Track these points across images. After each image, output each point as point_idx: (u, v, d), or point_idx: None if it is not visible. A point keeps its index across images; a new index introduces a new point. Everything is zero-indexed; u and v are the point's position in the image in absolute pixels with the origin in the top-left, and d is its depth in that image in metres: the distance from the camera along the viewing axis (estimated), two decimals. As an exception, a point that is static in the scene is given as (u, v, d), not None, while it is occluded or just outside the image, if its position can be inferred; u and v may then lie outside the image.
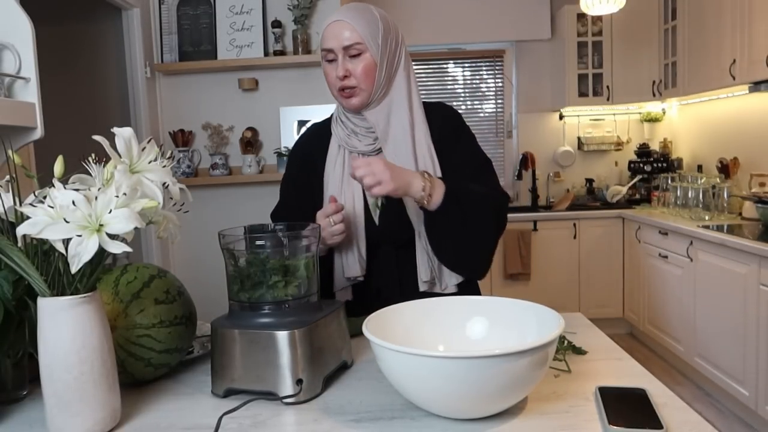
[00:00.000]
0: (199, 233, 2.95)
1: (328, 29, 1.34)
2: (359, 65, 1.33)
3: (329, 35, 1.33)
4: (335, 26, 1.33)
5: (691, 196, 3.74)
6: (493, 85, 4.89)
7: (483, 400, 0.84)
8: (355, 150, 1.38)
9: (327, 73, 1.37)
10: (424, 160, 1.35)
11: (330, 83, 1.37)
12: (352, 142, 1.38)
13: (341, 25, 1.32)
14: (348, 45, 1.32)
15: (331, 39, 1.33)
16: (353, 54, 1.33)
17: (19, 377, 1.03)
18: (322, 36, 1.35)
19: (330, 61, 1.35)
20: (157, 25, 3.10)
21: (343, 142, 1.40)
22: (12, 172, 0.90)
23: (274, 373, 0.96)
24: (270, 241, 1.04)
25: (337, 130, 1.42)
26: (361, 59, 1.33)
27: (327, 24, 1.35)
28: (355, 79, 1.33)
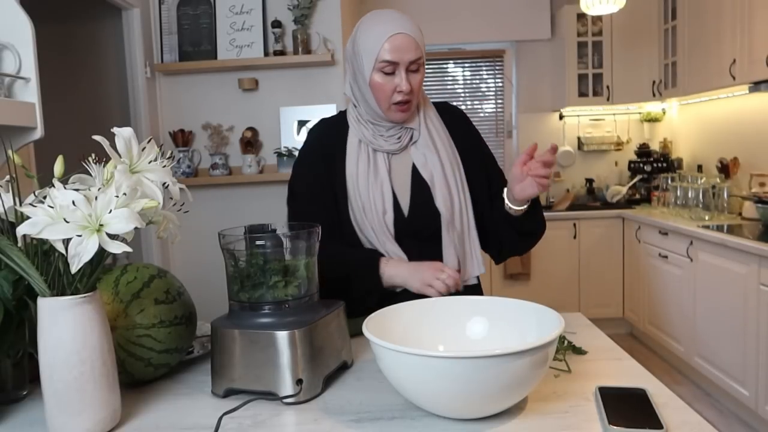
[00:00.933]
0: (199, 233, 2.95)
1: (393, 41, 1.29)
2: (417, 78, 1.34)
3: (394, 47, 1.29)
4: (402, 39, 1.29)
5: (691, 196, 3.74)
6: (493, 85, 4.89)
7: (483, 400, 0.84)
8: (381, 149, 1.40)
9: (381, 84, 1.32)
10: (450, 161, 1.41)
11: (383, 95, 1.33)
12: (379, 142, 1.40)
13: (407, 39, 1.30)
14: (414, 59, 1.31)
15: (397, 52, 1.29)
16: (413, 69, 1.32)
17: (19, 377, 1.03)
18: (382, 47, 1.30)
19: (387, 73, 1.32)
20: (157, 25, 3.10)
21: (367, 140, 1.40)
22: (12, 172, 0.90)
23: (274, 373, 0.97)
24: (270, 241, 1.04)
25: (361, 129, 1.41)
26: (419, 73, 1.34)
27: (387, 35, 1.29)
28: (412, 94, 1.34)
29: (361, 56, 1.34)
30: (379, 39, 1.30)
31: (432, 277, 1.28)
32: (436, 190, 1.38)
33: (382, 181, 1.38)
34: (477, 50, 4.82)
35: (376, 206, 1.37)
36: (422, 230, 1.40)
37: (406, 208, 1.39)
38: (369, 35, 1.32)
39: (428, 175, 1.39)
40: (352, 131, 1.42)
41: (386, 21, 1.32)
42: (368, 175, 1.38)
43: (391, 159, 1.41)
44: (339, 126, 1.46)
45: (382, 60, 1.30)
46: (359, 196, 1.38)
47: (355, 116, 1.43)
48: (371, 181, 1.38)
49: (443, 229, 1.38)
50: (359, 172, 1.39)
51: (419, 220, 1.39)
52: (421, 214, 1.39)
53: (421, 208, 1.39)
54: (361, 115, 1.42)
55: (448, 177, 1.40)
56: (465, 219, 1.42)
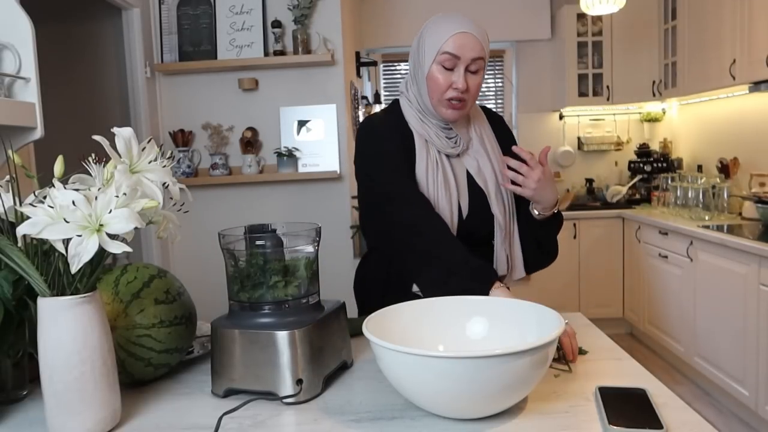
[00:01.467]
0: (199, 233, 2.95)
1: (458, 37, 1.31)
2: (475, 80, 1.36)
3: (458, 43, 1.31)
4: (467, 37, 1.32)
5: (691, 196, 3.74)
6: (493, 85, 4.89)
7: (483, 400, 0.84)
8: (442, 150, 1.41)
9: (437, 78, 1.33)
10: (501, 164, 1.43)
11: (439, 89, 1.34)
12: (441, 142, 1.41)
13: (472, 38, 1.32)
14: (476, 58, 1.33)
15: (460, 47, 1.31)
16: (473, 69, 1.34)
17: (19, 377, 1.03)
18: (446, 41, 1.31)
19: (447, 68, 1.33)
20: (157, 25, 3.10)
21: (431, 140, 1.41)
22: (12, 172, 0.90)
23: (274, 373, 0.97)
24: (270, 241, 1.04)
25: (424, 128, 1.41)
26: (477, 76, 1.36)
27: (454, 31, 1.31)
28: (468, 94, 1.35)
29: (424, 50, 1.36)
30: (445, 34, 1.33)
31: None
32: (492, 197, 1.42)
33: (450, 183, 1.40)
34: (477, 50, 4.82)
35: (443, 207, 1.38)
36: (474, 234, 1.42)
37: (465, 212, 1.42)
38: (436, 30, 1.35)
39: (483, 182, 1.43)
40: (416, 129, 1.42)
41: (455, 20, 1.35)
42: (436, 175, 1.40)
43: (450, 162, 1.43)
44: (398, 122, 1.43)
45: (444, 51, 1.32)
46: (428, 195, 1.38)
47: (415, 115, 1.42)
48: (440, 181, 1.39)
49: (497, 233, 1.42)
50: (429, 171, 1.40)
51: (474, 225, 1.42)
52: (477, 219, 1.42)
53: (478, 213, 1.42)
54: (422, 114, 1.42)
55: (500, 185, 1.43)
56: (512, 224, 1.46)
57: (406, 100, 1.45)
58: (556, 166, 4.84)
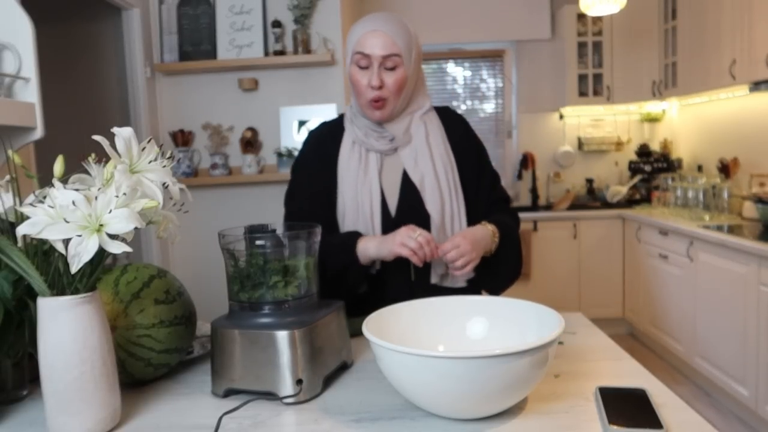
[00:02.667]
0: (199, 233, 2.95)
1: (367, 36, 1.33)
2: (392, 78, 1.34)
3: (368, 42, 1.32)
4: (375, 35, 1.32)
5: (691, 196, 3.74)
6: (493, 85, 4.89)
7: (483, 400, 0.84)
8: (372, 149, 1.40)
9: (357, 80, 1.36)
10: (444, 165, 1.41)
11: (359, 90, 1.36)
12: (370, 141, 1.40)
13: (382, 34, 1.32)
14: (388, 55, 1.32)
15: (370, 46, 1.32)
16: (389, 66, 1.34)
17: (19, 377, 1.03)
18: (357, 41, 1.34)
19: (362, 67, 1.34)
20: (157, 25, 3.10)
21: (359, 139, 1.42)
22: (12, 172, 0.90)
23: (274, 373, 0.97)
24: (270, 241, 1.04)
25: (353, 128, 1.43)
26: (395, 72, 1.34)
27: (365, 30, 1.33)
28: (387, 91, 1.34)
29: (346, 54, 1.40)
30: (358, 34, 1.35)
31: (405, 237, 1.26)
32: (426, 193, 1.38)
33: (371, 180, 1.39)
34: (477, 50, 4.82)
35: (363, 206, 1.38)
36: None
37: (393, 210, 1.40)
38: (352, 32, 1.38)
39: (418, 179, 1.39)
40: (347, 132, 1.45)
41: (370, 20, 1.36)
42: (358, 174, 1.40)
43: (383, 160, 1.42)
44: (336, 128, 1.48)
45: (356, 52, 1.34)
46: (346, 196, 1.39)
47: (350, 116, 1.45)
48: (360, 180, 1.39)
49: (433, 232, 1.37)
50: (350, 171, 1.40)
51: (408, 221, 1.37)
52: (409, 217, 1.38)
53: (410, 210, 1.39)
54: (354, 116, 1.44)
55: (441, 181, 1.39)
56: (456, 224, 1.41)
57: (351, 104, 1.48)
58: (557, 166, 4.84)
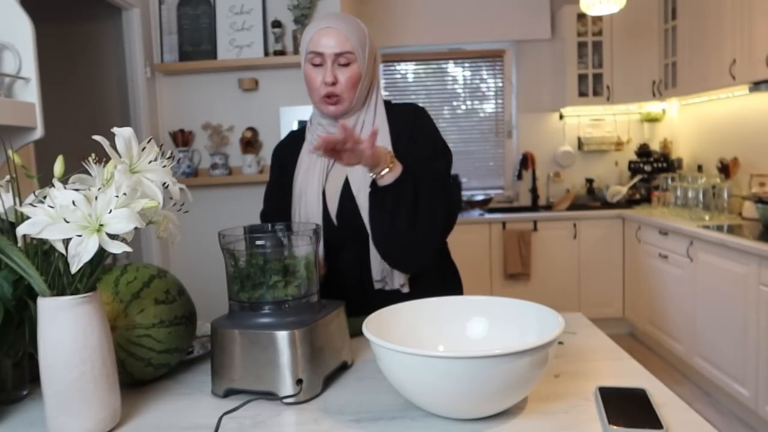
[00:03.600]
0: (199, 233, 2.95)
1: (320, 34, 1.34)
2: (346, 74, 1.35)
3: (320, 40, 1.34)
4: (329, 32, 1.34)
5: (691, 196, 3.74)
6: (493, 85, 4.89)
7: (483, 400, 0.84)
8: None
9: (311, 77, 1.37)
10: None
11: (313, 87, 1.38)
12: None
13: (335, 32, 1.34)
14: (340, 52, 1.33)
15: (322, 44, 1.33)
16: (342, 63, 1.35)
17: (19, 377, 1.03)
18: (310, 39, 1.35)
19: (316, 65, 1.36)
20: (157, 25, 3.10)
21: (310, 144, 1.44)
22: (12, 172, 0.90)
23: (274, 373, 0.97)
24: (270, 241, 1.04)
25: (310, 132, 1.45)
26: (348, 69, 1.35)
27: (317, 28, 1.35)
28: (340, 87, 1.35)
29: (300, 52, 1.41)
30: (311, 32, 1.36)
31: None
32: (361, 202, 1.35)
33: (314, 189, 1.40)
34: (477, 50, 4.82)
35: (307, 215, 1.40)
36: (358, 236, 1.38)
37: (334, 218, 1.40)
38: (307, 30, 1.39)
39: (356, 189, 1.37)
40: (307, 140, 1.47)
41: (324, 19, 1.37)
42: (304, 182, 1.42)
43: (332, 166, 1.41)
44: (300, 136, 1.51)
45: (309, 51, 1.36)
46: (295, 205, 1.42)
47: (310, 120, 1.48)
48: (306, 189, 1.41)
49: (371, 241, 1.34)
50: (298, 180, 1.43)
51: (349, 230, 1.39)
52: (350, 225, 1.38)
53: (349, 219, 1.38)
54: (312, 120, 1.46)
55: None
56: None
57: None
58: (557, 166, 4.84)
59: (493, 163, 4.89)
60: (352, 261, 1.41)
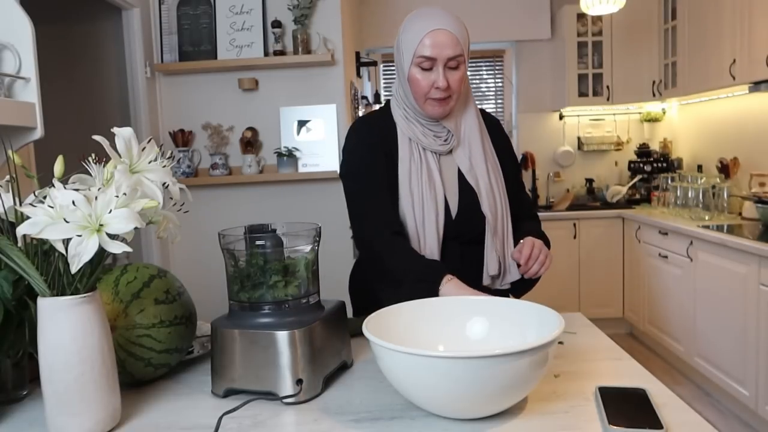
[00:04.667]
0: (199, 233, 2.95)
1: (431, 37, 1.30)
2: (456, 76, 1.34)
3: (432, 43, 1.30)
4: (442, 35, 1.30)
5: (691, 196, 3.74)
6: (493, 85, 4.89)
7: (483, 400, 0.84)
8: (430, 148, 1.40)
9: (418, 80, 1.33)
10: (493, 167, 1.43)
11: (420, 90, 1.34)
12: (428, 140, 1.40)
13: (447, 35, 1.31)
14: (453, 56, 1.31)
15: (435, 48, 1.30)
16: (452, 66, 1.33)
17: (19, 377, 1.03)
18: (421, 41, 1.30)
19: (426, 69, 1.32)
20: (157, 25, 3.10)
21: (416, 139, 1.40)
22: (12, 172, 0.90)
23: (274, 373, 0.97)
24: (270, 241, 1.04)
25: (411, 127, 1.41)
26: (458, 71, 1.34)
27: (428, 30, 1.31)
28: (451, 90, 1.34)
29: (402, 52, 1.36)
30: (419, 34, 1.32)
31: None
32: (483, 196, 1.39)
33: (435, 182, 1.38)
34: (477, 50, 4.82)
35: (429, 207, 1.36)
36: (465, 234, 1.40)
37: (454, 211, 1.40)
38: (410, 30, 1.34)
39: (474, 181, 1.40)
40: (401, 129, 1.42)
41: (428, 17, 1.33)
42: (421, 174, 1.38)
43: (439, 160, 1.41)
44: (384, 123, 1.45)
45: (420, 55, 1.32)
46: (411, 196, 1.37)
47: (402, 114, 1.42)
48: (424, 180, 1.37)
49: (487, 233, 1.39)
50: (412, 172, 1.39)
51: (465, 224, 1.40)
52: (467, 218, 1.40)
53: (468, 212, 1.40)
54: (408, 114, 1.42)
55: (492, 183, 1.41)
56: (506, 225, 1.43)
57: (396, 99, 1.45)
58: (557, 166, 4.84)
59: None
60: (454, 258, 1.39)
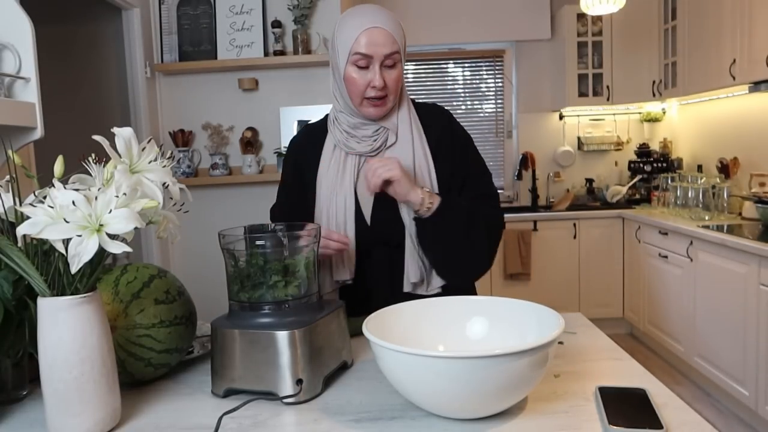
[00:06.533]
0: (199, 233, 2.95)
1: (367, 35, 1.27)
2: (393, 75, 1.31)
3: (368, 41, 1.27)
4: (376, 33, 1.27)
5: (691, 196, 3.74)
6: (493, 85, 4.89)
7: (483, 400, 0.84)
8: (353, 151, 1.37)
9: (354, 79, 1.30)
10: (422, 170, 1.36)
11: (356, 90, 1.31)
12: (351, 144, 1.37)
13: (383, 33, 1.28)
14: (389, 54, 1.29)
15: (371, 45, 1.27)
16: (389, 64, 1.30)
17: (19, 377, 1.03)
18: (355, 40, 1.28)
19: (362, 67, 1.30)
20: (157, 25, 3.10)
21: (341, 143, 1.38)
22: (12, 172, 0.90)
23: (274, 373, 0.96)
24: (270, 241, 1.04)
25: (335, 131, 1.39)
26: (395, 69, 1.31)
27: (363, 28, 1.28)
28: (387, 89, 1.31)
29: (337, 50, 1.33)
30: (354, 32, 1.29)
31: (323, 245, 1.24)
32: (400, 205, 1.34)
33: (346, 190, 1.35)
34: (477, 50, 4.82)
35: (337, 216, 1.34)
36: (390, 239, 1.36)
37: (368, 218, 1.36)
38: (345, 28, 1.31)
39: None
40: (329, 135, 1.41)
41: (363, 14, 1.30)
42: (335, 182, 1.36)
43: (363, 164, 1.36)
44: (320, 131, 1.44)
45: (355, 53, 1.28)
46: (321, 204, 1.37)
47: (332, 117, 1.41)
48: (336, 189, 1.35)
49: (407, 240, 1.34)
50: (328, 179, 1.37)
51: (384, 230, 1.35)
52: (385, 224, 1.35)
53: (386, 218, 1.35)
54: (337, 117, 1.39)
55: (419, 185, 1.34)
56: None
57: (334, 100, 1.41)
58: (557, 166, 4.84)
59: (493, 163, 4.88)
60: (382, 263, 1.36)
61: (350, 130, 1.37)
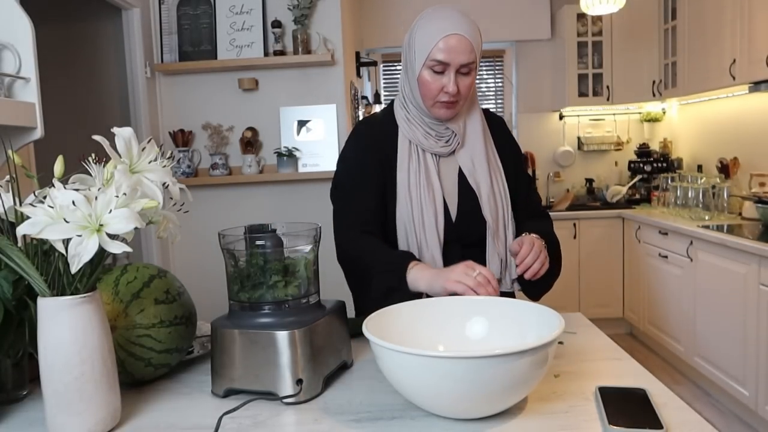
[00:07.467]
0: (199, 233, 2.95)
1: (447, 41, 1.28)
2: (466, 81, 1.33)
3: (447, 48, 1.28)
4: (456, 40, 1.28)
5: (691, 196, 3.74)
6: (493, 85, 4.89)
7: (483, 400, 0.84)
8: (431, 150, 1.39)
9: (428, 83, 1.31)
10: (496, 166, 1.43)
11: (429, 93, 1.33)
12: (429, 142, 1.39)
13: (462, 41, 1.28)
14: (466, 63, 1.30)
15: (449, 52, 1.28)
16: (464, 72, 1.31)
17: (19, 377, 1.03)
18: (435, 45, 1.28)
19: (437, 72, 1.31)
20: (157, 25, 3.10)
21: (417, 141, 1.39)
22: (12, 172, 0.90)
23: (274, 373, 0.97)
24: (270, 241, 1.04)
25: (412, 129, 1.39)
26: (469, 76, 1.33)
27: (443, 34, 1.28)
28: (460, 95, 1.33)
29: (414, 50, 1.34)
30: (434, 37, 1.29)
31: (462, 275, 1.17)
32: (483, 198, 1.38)
33: (434, 185, 1.37)
34: (477, 50, 4.82)
35: (427, 210, 1.35)
36: (467, 236, 1.39)
37: (454, 214, 1.39)
38: (425, 31, 1.31)
39: (475, 184, 1.39)
40: (402, 131, 1.41)
41: (444, 18, 1.30)
42: (419, 178, 1.37)
43: (439, 162, 1.41)
44: (386, 125, 1.44)
45: (433, 59, 1.29)
46: (410, 199, 1.37)
47: (404, 116, 1.41)
48: (423, 184, 1.36)
49: (488, 237, 1.38)
50: (410, 175, 1.37)
51: (465, 227, 1.39)
52: (467, 221, 1.39)
53: (468, 214, 1.39)
54: (410, 114, 1.40)
55: (494, 185, 1.40)
56: (508, 228, 1.42)
57: (401, 98, 1.43)
58: (556, 166, 4.84)
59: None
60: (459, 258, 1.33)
61: (428, 129, 1.39)
